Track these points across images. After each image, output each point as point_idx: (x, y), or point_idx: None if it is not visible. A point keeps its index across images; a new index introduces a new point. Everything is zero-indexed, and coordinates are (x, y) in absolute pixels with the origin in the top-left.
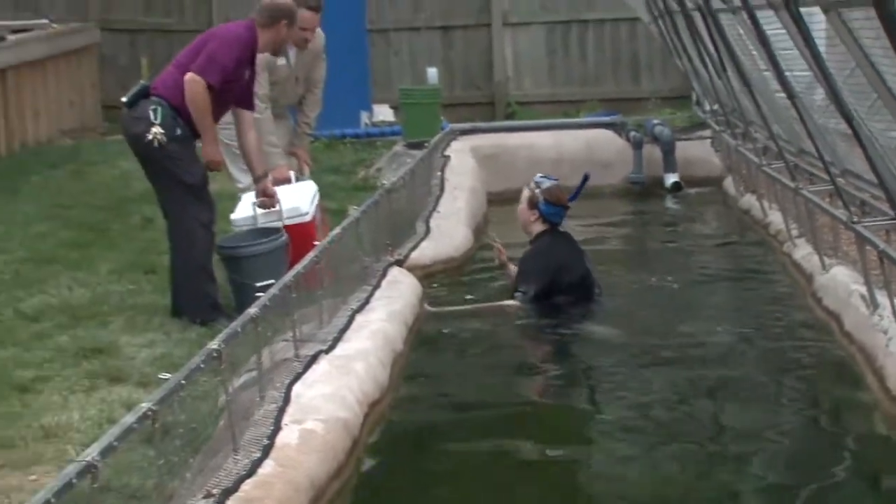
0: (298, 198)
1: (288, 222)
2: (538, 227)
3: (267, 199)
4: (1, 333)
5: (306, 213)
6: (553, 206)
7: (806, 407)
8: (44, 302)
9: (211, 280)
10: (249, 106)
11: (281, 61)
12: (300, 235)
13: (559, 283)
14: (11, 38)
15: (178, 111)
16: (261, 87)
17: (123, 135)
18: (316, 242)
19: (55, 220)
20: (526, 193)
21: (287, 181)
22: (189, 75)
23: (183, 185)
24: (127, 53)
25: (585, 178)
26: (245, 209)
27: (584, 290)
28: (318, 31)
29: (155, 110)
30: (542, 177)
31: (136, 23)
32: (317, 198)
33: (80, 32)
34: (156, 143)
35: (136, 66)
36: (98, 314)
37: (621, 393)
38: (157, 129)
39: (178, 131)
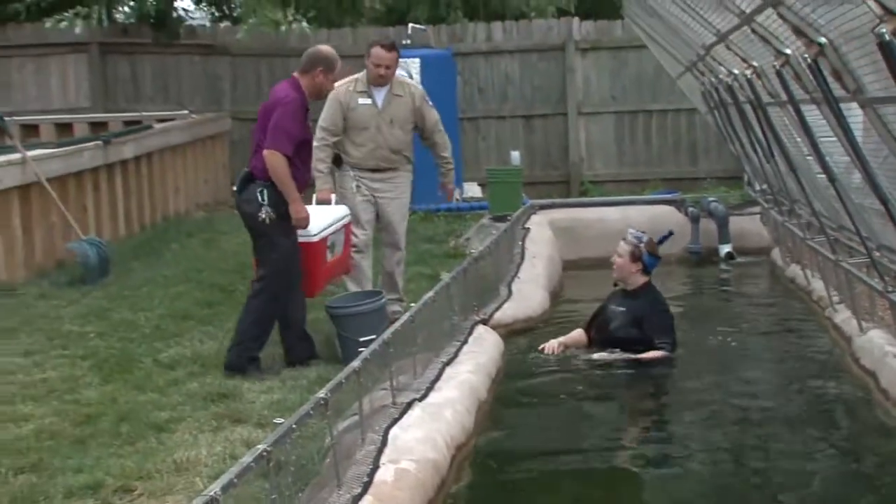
0: (318, 221)
1: (301, 240)
2: (640, 278)
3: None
4: (142, 380)
5: (314, 235)
6: (654, 258)
7: (846, 454)
8: (179, 353)
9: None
10: None
11: (363, 100)
12: (305, 253)
13: None
14: (158, 126)
15: (278, 189)
16: (322, 119)
17: (238, 211)
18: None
19: (190, 282)
20: (626, 248)
21: (327, 202)
22: (265, 152)
23: (283, 252)
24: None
25: (670, 234)
26: None
27: None
28: (413, 82)
29: (262, 192)
30: (638, 231)
31: None
32: (344, 220)
33: (213, 121)
34: (267, 221)
35: None
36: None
37: (699, 440)
38: (266, 209)
39: (284, 208)
